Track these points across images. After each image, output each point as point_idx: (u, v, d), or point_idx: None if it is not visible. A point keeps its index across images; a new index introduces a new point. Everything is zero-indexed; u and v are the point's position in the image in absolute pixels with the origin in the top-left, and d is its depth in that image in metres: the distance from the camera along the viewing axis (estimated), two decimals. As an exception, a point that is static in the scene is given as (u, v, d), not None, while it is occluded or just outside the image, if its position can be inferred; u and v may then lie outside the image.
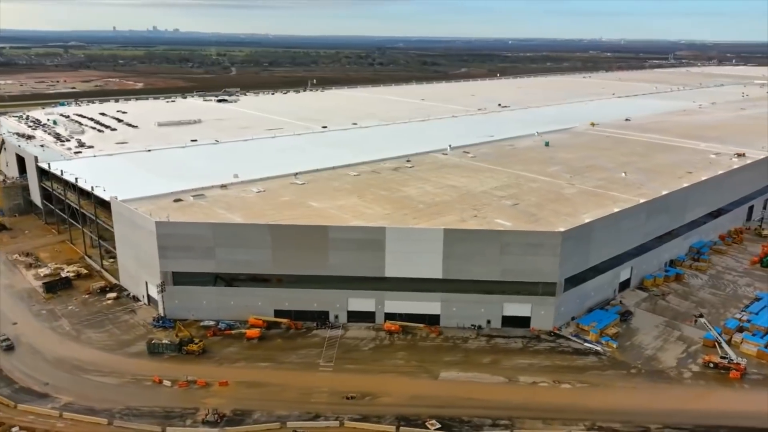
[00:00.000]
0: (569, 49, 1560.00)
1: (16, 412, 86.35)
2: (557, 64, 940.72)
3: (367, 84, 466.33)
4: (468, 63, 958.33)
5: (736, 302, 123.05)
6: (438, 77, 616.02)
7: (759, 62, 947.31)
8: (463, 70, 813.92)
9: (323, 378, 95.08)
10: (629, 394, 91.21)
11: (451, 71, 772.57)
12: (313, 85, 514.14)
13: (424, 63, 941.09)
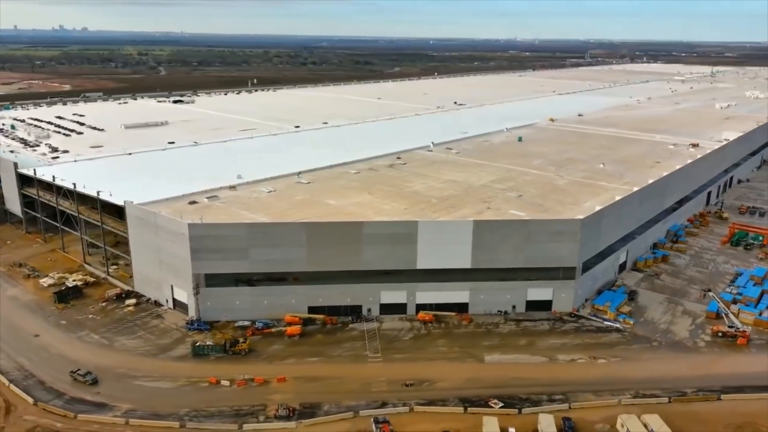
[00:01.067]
0: (488, 48, 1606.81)
1: (78, 423, 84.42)
2: (484, 64, 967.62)
3: (307, 84, 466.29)
4: (399, 62, 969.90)
5: (720, 278, 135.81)
6: (375, 76, 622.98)
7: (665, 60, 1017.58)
8: (397, 69, 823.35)
9: (376, 368, 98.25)
10: (658, 364, 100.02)
11: (385, 71, 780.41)
12: (253, 84, 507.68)
13: (357, 62, 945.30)
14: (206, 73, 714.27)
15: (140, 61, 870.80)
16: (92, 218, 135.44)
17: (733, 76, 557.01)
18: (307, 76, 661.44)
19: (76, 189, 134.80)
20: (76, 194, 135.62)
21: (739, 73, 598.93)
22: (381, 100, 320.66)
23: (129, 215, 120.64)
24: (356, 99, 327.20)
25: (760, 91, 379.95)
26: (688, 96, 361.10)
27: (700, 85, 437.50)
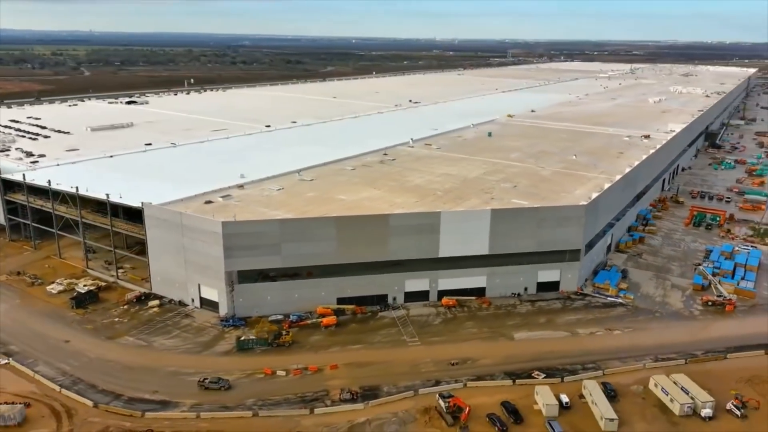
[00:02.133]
0: (411, 48, 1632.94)
1: (148, 420, 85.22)
2: (413, 63, 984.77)
3: (243, 83, 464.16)
4: (329, 61, 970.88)
5: (693, 255, 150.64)
6: (310, 75, 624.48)
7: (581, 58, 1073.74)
8: (330, 68, 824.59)
9: (418, 351, 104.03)
10: (665, 332, 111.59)
11: (319, 70, 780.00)
12: (190, 84, 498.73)
13: (288, 62, 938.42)
14: (134, 73, 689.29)
15: (58, 62, 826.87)
16: (98, 222, 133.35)
17: (651, 73, 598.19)
18: (242, 75, 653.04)
19: (79, 192, 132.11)
20: (78, 198, 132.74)
21: (655, 70, 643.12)
22: (336, 99, 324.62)
23: (148, 216, 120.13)
24: (312, 98, 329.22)
25: (683, 87, 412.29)
26: (620, 92, 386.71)
27: (626, 82, 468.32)
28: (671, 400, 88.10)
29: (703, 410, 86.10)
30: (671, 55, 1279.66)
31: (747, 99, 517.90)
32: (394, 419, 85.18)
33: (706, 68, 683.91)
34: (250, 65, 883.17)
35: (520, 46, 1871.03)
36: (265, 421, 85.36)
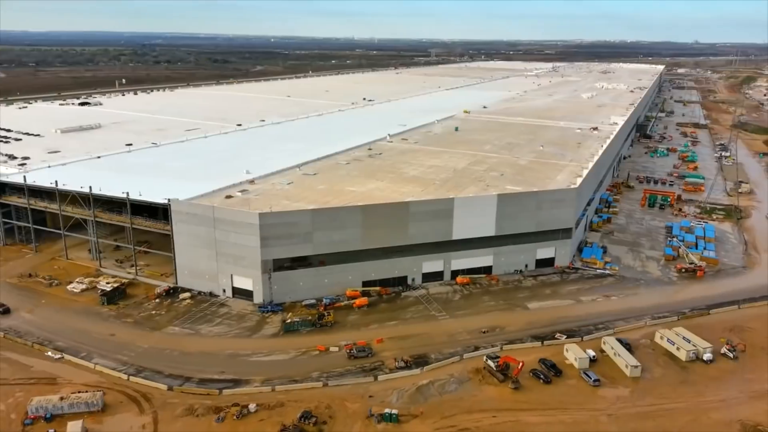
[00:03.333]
0: (331, 47, 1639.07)
1: (226, 397, 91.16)
2: (342, 62, 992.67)
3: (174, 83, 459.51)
4: (255, 60, 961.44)
5: (656, 231, 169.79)
6: (241, 75, 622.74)
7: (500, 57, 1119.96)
8: (259, 68, 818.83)
9: (449, 323, 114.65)
10: (654, 296, 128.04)
11: (250, 69, 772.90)
12: (122, 85, 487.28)
13: (215, 61, 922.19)
14: (54, 73, 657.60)
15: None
16: (114, 220, 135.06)
17: (572, 71, 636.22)
18: (172, 75, 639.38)
19: (92, 192, 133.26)
20: (92, 197, 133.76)
21: (575, 68, 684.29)
22: (291, 98, 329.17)
23: (175, 212, 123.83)
24: (266, 97, 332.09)
25: (607, 83, 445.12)
26: (554, 89, 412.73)
27: (555, 80, 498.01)
28: (677, 349, 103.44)
29: (705, 355, 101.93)
30: (581, 54, 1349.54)
31: (660, 93, 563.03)
32: (452, 379, 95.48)
33: (619, 65, 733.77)
34: (175, 64, 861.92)
35: (438, 45, 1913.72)
36: (335, 389, 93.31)
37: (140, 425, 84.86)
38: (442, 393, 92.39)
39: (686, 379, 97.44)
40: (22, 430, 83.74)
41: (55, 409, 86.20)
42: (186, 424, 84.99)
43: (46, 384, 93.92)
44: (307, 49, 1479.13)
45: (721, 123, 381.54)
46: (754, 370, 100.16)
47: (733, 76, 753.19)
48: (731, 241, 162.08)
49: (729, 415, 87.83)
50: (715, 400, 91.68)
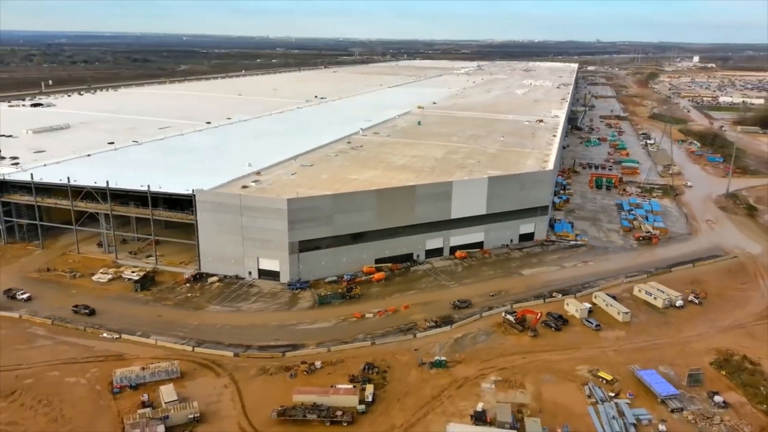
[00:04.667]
0: (246, 45, 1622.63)
1: (290, 358, 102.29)
2: (267, 61, 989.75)
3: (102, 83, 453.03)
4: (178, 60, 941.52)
5: (609, 208, 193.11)
6: (167, 74, 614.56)
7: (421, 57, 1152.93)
8: (184, 67, 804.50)
9: (460, 290, 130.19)
10: (622, 260, 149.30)
11: (176, 68, 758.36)
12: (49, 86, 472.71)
13: (135, 60, 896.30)
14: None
15: None
16: (132, 213, 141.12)
17: (496, 69, 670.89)
18: (96, 75, 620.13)
19: (109, 186, 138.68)
20: (108, 192, 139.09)
21: (497, 66, 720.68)
22: (243, 96, 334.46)
23: (200, 202, 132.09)
24: (218, 96, 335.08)
25: (534, 80, 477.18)
26: (489, 86, 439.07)
27: (485, 77, 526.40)
28: (654, 299, 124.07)
29: (677, 302, 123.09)
30: (495, 53, 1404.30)
31: (577, 90, 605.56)
32: (480, 332, 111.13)
33: (537, 64, 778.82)
34: (93, 64, 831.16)
35: (357, 45, 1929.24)
36: (383, 347, 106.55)
37: (221, 385, 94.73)
38: (475, 343, 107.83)
39: (666, 321, 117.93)
40: (113, 398, 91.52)
41: (138, 379, 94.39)
42: (263, 382, 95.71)
43: (115, 360, 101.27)
44: (224, 47, 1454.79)
45: (638, 115, 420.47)
46: (715, 311, 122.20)
47: (639, 73, 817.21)
48: (673, 214, 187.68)
49: (705, 345, 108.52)
50: (692, 335, 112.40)
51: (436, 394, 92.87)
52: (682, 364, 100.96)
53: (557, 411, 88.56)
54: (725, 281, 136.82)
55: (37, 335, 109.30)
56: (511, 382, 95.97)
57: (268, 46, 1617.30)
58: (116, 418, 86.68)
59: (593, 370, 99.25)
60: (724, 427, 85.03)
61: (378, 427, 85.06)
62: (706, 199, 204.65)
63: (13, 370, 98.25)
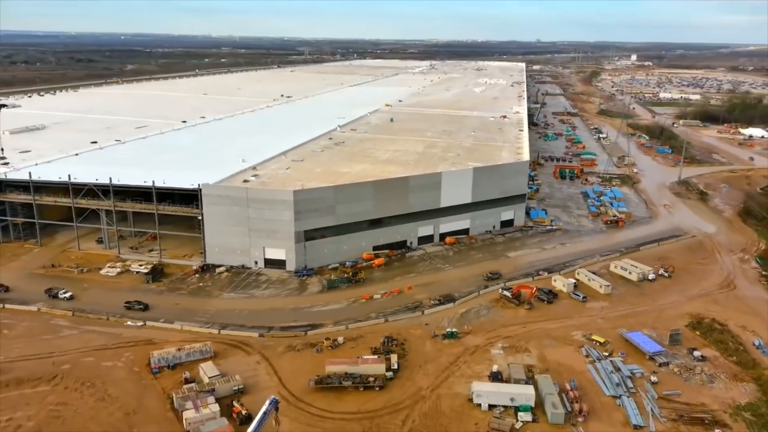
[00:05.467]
0: (189, 44, 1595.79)
1: (314, 335, 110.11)
2: (216, 61, 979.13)
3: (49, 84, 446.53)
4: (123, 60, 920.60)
5: (575, 196, 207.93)
6: (115, 74, 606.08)
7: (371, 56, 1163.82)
8: (131, 67, 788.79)
9: (455, 272, 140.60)
10: (595, 241, 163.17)
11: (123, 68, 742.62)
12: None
13: (79, 60, 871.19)
14: None
15: None
16: (136, 208, 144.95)
17: (448, 68, 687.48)
18: (42, 76, 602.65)
19: (112, 183, 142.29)
20: (111, 189, 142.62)
21: (449, 65, 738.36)
22: (208, 96, 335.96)
23: (206, 195, 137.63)
24: (184, 95, 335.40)
25: (489, 79, 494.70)
26: (446, 84, 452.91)
27: (441, 76, 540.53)
28: (629, 273, 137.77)
29: (650, 275, 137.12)
30: (442, 53, 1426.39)
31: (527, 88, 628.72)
32: (482, 307, 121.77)
33: (487, 63, 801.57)
34: (34, 65, 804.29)
35: (304, 44, 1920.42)
36: (395, 323, 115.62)
37: (254, 362, 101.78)
38: (479, 317, 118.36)
39: (642, 292, 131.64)
40: (154, 377, 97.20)
41: (174, 359, 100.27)
42: (292, 357, 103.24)
43: (145, 345, 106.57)
44: (166, 47, 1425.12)
45: (588, 111, 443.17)
46: (683, 283, 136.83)
47: (582, 71, 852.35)
48: (633, 200, 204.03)
49: (679, 311, 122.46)
50: (666, 303, 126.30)
51: (453, 360, 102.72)
52: (661, 327, 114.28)
53: (561, 370, 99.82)
54: (688, 257, 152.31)
55: (61, 326, 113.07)
56: (516, 348, 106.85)
57: (212, 46, 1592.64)
58: (162, 395, 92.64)
59: (587, 334, 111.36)
60: (705, 376, 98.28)
61: (407, 390, 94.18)
62: (661, 187, 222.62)
63: (47, 357, 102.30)
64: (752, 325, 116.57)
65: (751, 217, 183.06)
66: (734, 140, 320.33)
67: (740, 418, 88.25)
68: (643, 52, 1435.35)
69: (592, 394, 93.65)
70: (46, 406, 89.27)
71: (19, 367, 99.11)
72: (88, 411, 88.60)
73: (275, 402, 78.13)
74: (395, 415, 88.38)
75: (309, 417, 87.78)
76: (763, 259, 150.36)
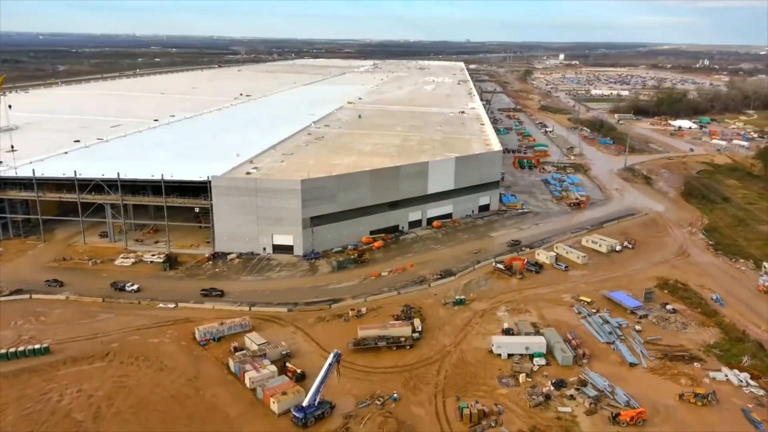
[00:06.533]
0: (112, 44, 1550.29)
1: (338, 308, 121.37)
2: (150, 60, 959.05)
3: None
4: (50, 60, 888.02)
5: (537, 183, 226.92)
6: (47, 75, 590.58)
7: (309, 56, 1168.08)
8: (62, 68, 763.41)
9: (448, 251, 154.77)
10: (563, 220, 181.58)
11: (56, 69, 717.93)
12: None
13: (5, 61, 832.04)
14: None
15: None
16: (144, 201, 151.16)
17: (392, 67, 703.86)
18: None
19: (120, 178, 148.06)
20: (120, 183, 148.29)
21: (392, 65, 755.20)
22: (166, 95, 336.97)
23: (215, 187, 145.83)
24: (140, 95, 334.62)
25: (435, 77, 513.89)
26: (397, 83, 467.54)
27: (390, 75, 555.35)
28: (599, 246, 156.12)
29: (617, 247, 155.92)
30: (377, 52, 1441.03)
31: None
32: (481, 279, 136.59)
33: (429, 63, 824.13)
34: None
35: (236, 43, 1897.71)
36: (407, 295, 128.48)
37: (290, 332, 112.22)
38: (479, 287, 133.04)
39: (612, 261, 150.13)
40: (203, 349, 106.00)
41: (218, 332, 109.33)
42: (323, 327, 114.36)
43: (184, 323, 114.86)
44: (90, 46, 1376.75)
45: (530, 107, 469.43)
46: (645, 252, 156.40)
47: (516, 70, 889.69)
48: (588, 186, 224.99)
49: (646, 275, 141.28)
50: (634, 269, 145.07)
51: (466, 322, 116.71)
52: (634, 288, 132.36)
53: (559, 325, 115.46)
54: (645, 232, 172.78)
55: (95, 312, 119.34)
56: (518, 310, 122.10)
57: (138, 45, 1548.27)
58: (216, 362, 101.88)
59: (574, 296, 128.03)
60: (678, 324, 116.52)
61: (433, 347, 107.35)
62: (610, 173, 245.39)
63: (93, 338, 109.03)
64: (708, 284, 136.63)
65: (692, 197, 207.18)
66: (666, 131, 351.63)
67: (711, 354, 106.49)
68: (569, 52, 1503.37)
69: (590, 342, 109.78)
70: (108, 379, 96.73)
71: (70, 347, 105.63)
72: (151, 380, 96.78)
73: (338, 355, 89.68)
74: (429, 368, 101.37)
75: (355, 373, 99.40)
76: (708, 232, 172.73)
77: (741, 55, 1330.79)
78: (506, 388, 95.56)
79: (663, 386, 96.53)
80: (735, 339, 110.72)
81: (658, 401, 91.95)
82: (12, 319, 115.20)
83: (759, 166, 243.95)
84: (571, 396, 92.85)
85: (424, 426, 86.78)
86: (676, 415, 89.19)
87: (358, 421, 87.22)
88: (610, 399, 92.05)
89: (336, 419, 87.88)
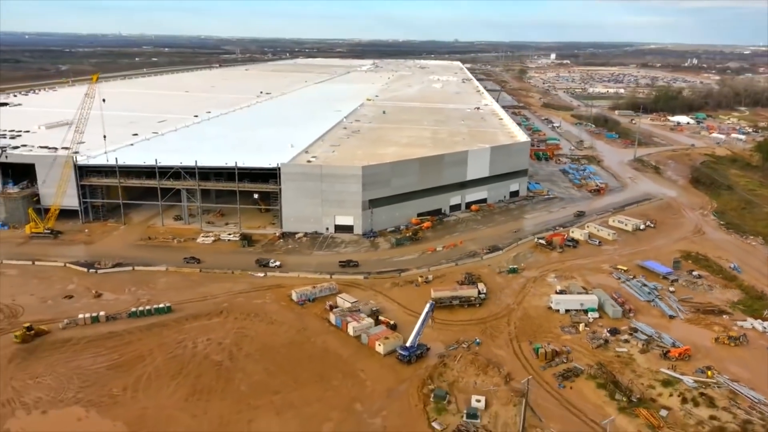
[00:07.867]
0: (99, 43, 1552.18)
1: (405, 277, 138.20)
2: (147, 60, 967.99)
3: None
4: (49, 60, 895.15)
5: (556, 173, 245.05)
6: (51, 75, 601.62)
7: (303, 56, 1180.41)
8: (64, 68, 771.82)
9: (490, 230, 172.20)
10: (588, 204, 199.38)
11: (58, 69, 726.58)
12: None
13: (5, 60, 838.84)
14: None
15: None
16: (219, 186, 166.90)
17: (392, 67, 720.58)
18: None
19: (198, 165, 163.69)
20: (197, 171, 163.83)
21: (392, 65, 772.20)
22: (191, 93, 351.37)
23: (284, 173, 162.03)
24: (168, 93, 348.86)
25: (439, 76, 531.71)
26: (405, 81, 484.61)
27: (395, 75, 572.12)
28: (625, 225, 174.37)
29: (641, 226, 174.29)
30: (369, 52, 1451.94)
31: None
32: (527, 252, 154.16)
33: (427, 62, 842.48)
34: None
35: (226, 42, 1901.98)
36: (463, 266, 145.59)
37: (371, 294, 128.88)
38: (527, 259, 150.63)
39: (638, 238, 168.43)
40: (302, 307, 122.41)
41: (311, 294, 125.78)
42: (398, 290, 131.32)
43: (278, 288, 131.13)
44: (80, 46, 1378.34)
45: (533, 105, 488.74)
46: (666, 231, 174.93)
47: (510, 69, 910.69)
48: (603, 174, 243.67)
49: (671, 249, 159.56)
50: (660, 244, 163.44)
51: (522, 287, 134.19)
52: (662, 259, 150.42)
53: (603, 288, 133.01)
54: (662, 214, 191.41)
55: (196, 281, 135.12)
56: (565, 276, 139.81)
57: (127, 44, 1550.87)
58: (317, 317, 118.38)
59: (612, 265, 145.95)
60: (705, 287, 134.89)
61: (499, 305, 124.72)
62: (621, 164, 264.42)
63: (202, 300, 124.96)
64: (724, 256, 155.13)
65: (700, 184, 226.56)
66: (666, 126, 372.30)
67: (737, 309, 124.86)
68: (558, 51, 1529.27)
69: (632, 300, 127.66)
70: (230, 330, 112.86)
71: (188, 307, 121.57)
72: (266, 330, 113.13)
73: (433, 306, 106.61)
74: (499, 321, 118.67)
75: (438, 325, 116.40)
76: (718, 213, 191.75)
77: (726, 55, 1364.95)
78: (569, 335, 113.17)
79: (700, 333, 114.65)
80: (755, 297, 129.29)
81: (698, 343, 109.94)
82: (126, 286, 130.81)
83: (757, 158, 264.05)
84: (626, 340, 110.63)
85: (507, 363, 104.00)
86: (715, 353, 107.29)
87: (452, 359, 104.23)
88: (658, 341, 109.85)
89: (432, 359, 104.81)
